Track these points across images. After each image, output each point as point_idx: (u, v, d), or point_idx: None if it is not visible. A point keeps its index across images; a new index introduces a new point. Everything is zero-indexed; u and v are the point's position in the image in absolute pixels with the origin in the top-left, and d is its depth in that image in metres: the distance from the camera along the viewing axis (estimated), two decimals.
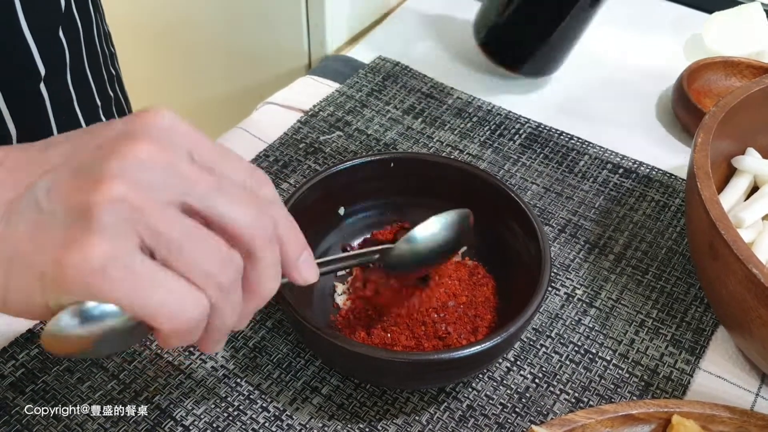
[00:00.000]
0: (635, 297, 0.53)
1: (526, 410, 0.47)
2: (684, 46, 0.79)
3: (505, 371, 0.49)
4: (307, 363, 0.49)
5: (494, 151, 0.65)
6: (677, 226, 0.59)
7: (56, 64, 0.52)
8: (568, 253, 0.56)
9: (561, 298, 0.53)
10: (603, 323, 0.52)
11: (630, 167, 0.64)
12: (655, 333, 0.51)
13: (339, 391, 0.47)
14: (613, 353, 0.50)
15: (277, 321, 0.51)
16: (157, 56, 1.05)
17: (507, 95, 0.71)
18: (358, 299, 0.50)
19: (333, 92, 0.71)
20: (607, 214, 0.60)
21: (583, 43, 0.69)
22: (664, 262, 0.56)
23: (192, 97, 1.05)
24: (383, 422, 0.46)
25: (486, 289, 0.51)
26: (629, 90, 0.73)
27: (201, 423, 0.45)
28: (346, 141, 0.65)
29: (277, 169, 0.63)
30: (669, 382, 0.48)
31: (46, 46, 0.50)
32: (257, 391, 0.47)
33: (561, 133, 0.67)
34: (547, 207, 0.60)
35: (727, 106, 0.51)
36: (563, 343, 0.50)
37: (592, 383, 0.48)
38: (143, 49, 1.03)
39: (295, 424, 0.45)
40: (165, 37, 1.02)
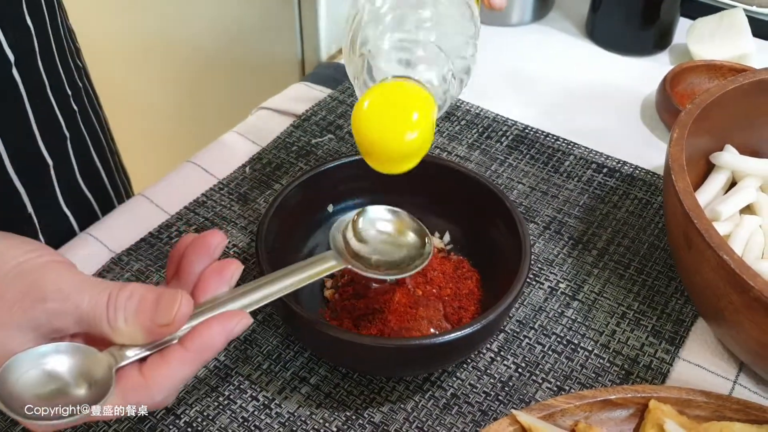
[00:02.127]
0: (617, 290, 0.55)
1: (509, 398, 0.48)
2: (668, 51, 0.81)
3: (488, 361, 0.50)
4: (296, 354, 0.50)
5: (482, 153, 0.67)
6: (659, 223, 0.60)
7: (26, 50, 0.53)
8: (552, 249, 0.58)
9: (545, 291, 0.55)
10: (585, 315, 0.53)
11: (614, 167, 0.65)
12: (636, 324, 0.52)
13: (327, 381, 0.48)
14: (594, 343, 0.51)
15: (268, 314, 0.52)
16: (156, 65, 1.07)
17: (494, 99, 0.73)
18: (346, 293, 0.52)
19: (325, 97, 0.72)
20: (591, 212, 0.61)
21: (569, 46, 0.71)
22: (645, 256, 0.57)
23: (189, 103, 1.07)
24: (369, 410, 0.47)
25: (470, 282, 0.52)
26: (614, 93, 0.75)
27: (192, 412, 0.46)
28: (338, 144, 0.67)
29: (270, 171, 0.64)
30: (649, 370, 0.50)
31: (13, 33, 0.51)
32: (247, 381, 0.48)
33: (547, 135, 0.69)
34: (533, 205, 0.62)
35: (703, 103, 0.53)
36: (546, 335, 0.52)
37: (574, 372, 0.49)
38: (142, 58, 1.05)
39: (284, 412, 0.47)
40: (165, 46, 1.04)
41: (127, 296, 0.34)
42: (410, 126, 0.40)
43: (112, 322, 0.33)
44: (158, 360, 0.35)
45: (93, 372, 0.33)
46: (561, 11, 0.88)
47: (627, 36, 0.80)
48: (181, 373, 0.35)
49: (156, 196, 0.62)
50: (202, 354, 0.35)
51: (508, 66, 0.79)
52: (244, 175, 0.64)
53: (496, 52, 0.81)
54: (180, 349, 0.35)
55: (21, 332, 0.32)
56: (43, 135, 0.56)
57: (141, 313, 0.34)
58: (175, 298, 0.34)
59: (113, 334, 0.34)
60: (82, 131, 0.62)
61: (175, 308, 0.34)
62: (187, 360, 0.35)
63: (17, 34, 0.52)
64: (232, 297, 0.38)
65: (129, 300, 0.34)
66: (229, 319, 0.36)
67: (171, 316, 0.34)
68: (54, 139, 0.58)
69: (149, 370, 0.34)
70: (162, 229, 0.59)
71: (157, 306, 0.34)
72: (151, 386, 0.34)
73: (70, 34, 0.63)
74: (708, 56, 0.75)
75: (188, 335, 0.35)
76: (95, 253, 0.57)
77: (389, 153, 0.41)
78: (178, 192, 0.62)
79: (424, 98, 0.41)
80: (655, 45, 0.80)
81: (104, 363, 0.34)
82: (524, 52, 0.81)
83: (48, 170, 0.58)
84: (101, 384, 0.33)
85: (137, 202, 0.61)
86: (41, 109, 0.56)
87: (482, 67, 0.78)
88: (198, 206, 0.61)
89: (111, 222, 0.60)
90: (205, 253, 0.39)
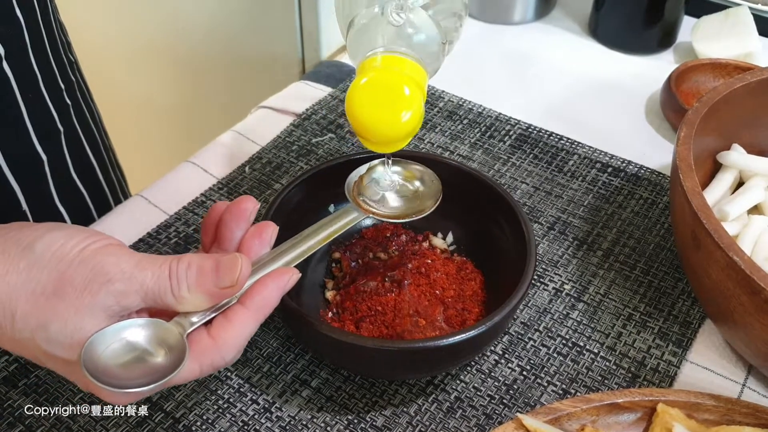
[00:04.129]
0: (623, 291, 0.54)
1: (514, 401, 0.47)
2: (673, 50, 0.80)
3: (493, 364, 0.49)
4: (297, 357, 0.49)
5: (484, 152, 0.66)
6: (665, 223, 0.59)
7: (17, 44, 0.53)
8: (557, 250, 0.57)
9: (549, 293, 0.54)
10: (591, 317, 0.52)
11: (618, 166, 0.65)
12: (643, 326, 0.51)
13: (328, 384, 0.48)
14: (600, 346, 0.50)
15: (268, 316, 0.51)
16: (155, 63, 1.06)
17: (497, 98, 0.72)
18: (347, 295, 0.51)
19: (326, 96, 0.72)
20: (596, 212, 0.60)
21: (572, 45, 0.70)
22: (651, 257, 0.56)
23: (188, 101, 1.06)
24: (372, 413, 0.46)
25: (474, 283, 0.51)
26: (618, 92, 0.74)
27: (191, 415, 0.46)
28: (338, 143, 0.66)
29: (270, 170, 0.63)
30: (656, 373, 0.49)
31: (2, 25, 0.51)
32: (247, 384, 0.47)
33: (551, 134, 0.68)
34: (537, 205, 0.61)
35: (710, 102, 0.52)
36: (551, 337, 0.51)
37: (580, 375, 0.48)
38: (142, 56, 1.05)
39: (284, 416, 0.46)
40: (164, 44, 1.03)
41: (186, 266, 0.35)
42: (405, 106, 0.40)
43: (176, 293, 0.35)
44: (223, 322, 0.37)
45: (167, 340, 0.35)
46: (564, 9, 0.87)
47: (630, 34, 0.79)
48: (246, 330, 0.37)
49: (154, 196, 0.61)
50: (262, 310, 0.37)
51: (511, 64, 0.78)
52: (244, 174, 0.63)
53: (498, 51, 0.80)
54: (242, 309, 0.37)
55: (93, 315, 0.34)
56: (36, 130, 0.56)
57: (202, 279, 0.35)
58: (236, 262, 0.36)
59: (178, 303, 0.35)
60: (76, 126, 0.62)
61: (238, 270, 0.36)
62: (249, 318, 0.37)
63: (7, 27, 0.52)
64: (275, 256, 0.40)
65: (189, 269, 0.35)
66: (281, 275, 0.38)
67: (234, 278, 0.35)
68: (47, 133, 0.58)
69: (217, 331, 0.36)
70: (160, 229, 0.58)
71: (217, 271, 0.35)
72: (221, 346, 0.36)
73: (62, 28, 0.62)
74: (713, 55, 0.74)
75: (247, 294, 0.37)
76: None
77: (385, 135, 0.41)
78: (176, 192, 0.61)
79: (417, 72, 0.40)
80: (659, 43, 0.80)
81: (175, 331, 0.36)
82: (527, 51, 0.80)
83: (42, 166, 0.57)
84: (176, 350, 0.35)
85: (135, 203, 0.61)
86: (34, 103, 0.55)
87: (484, 65, 0.78)
88: (197, 206, 0.60)
89: (109, 222, 0.59)
90: (243, 218, 0.40)
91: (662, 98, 0.70)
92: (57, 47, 0.59)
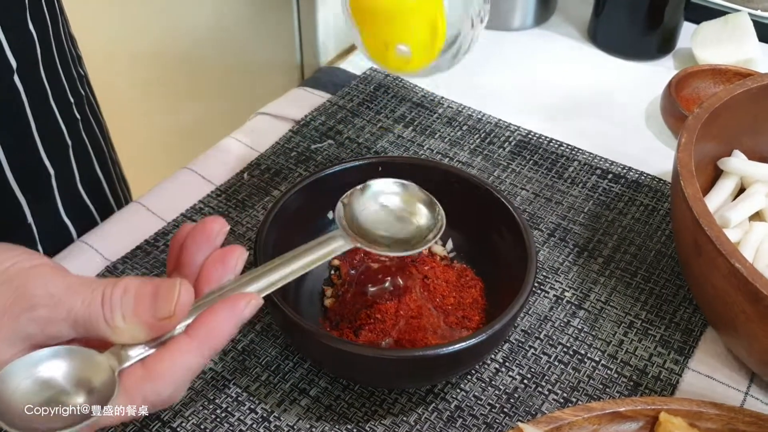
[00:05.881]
0: (624, 299, 0.54)
1: (515, 410, 0.46)
2: (672, 56, 0.80)
3: (493, 372, 0.49)
4: (296, 365, 0.49)
5: (484, 159, 0.66)
6: (666, 230, 0.59)
7: (28, 58, 0.52)
8: (557, 257, 0.57)
9: (550, 300, 0.53)
10: (592, 325, 0.52)
11: (619, 172, 0.64)
12: (644, 334, 0.51)
13: (327, 393, 0.47)
14: (601, 354, 0.50)
15: (266, 324, 0.51)
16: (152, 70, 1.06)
17: (496, 104, 0.72)
18: (346, 303, 0.50)
19: (325, 102, 0.71)
20: (596, 219, 0.60)
21: (572, 51, 0.70)
22: (652, 264, 0.56)
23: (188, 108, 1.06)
24: (371, 423, 0.46)
25: (474, 291, 0.51)
26: (618, 98, 0.74)
27: (189, 425, 0.45)
28: (337, 149, 0.66)
29: (269, 177, 0.63)
30: (658, 381, 0.48)
31: (15, 39, 0.50)
32: (245, 393, 0.47)
33: (550, 140, 0.68)
34: (537, 212, 0.61)
35: (711, 108, 0.52)
36: (552, 345, 0.50)
37: (581, 383, 0.48)
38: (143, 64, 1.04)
39: (283, 425, 0.45)
40: (161, 51, 1.03)
41: (122, 292, 0.32)
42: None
43: (109, 322, 0.31)
44: (160, 351, 0.33)
45: (93, 376, 0.31)
46: (563, 15, 0.87)
47: (630, 40, 0.79)
48: (186, 362, 0.32)
49: (152, 203, 0.61)
50: (209, 342, 0.33)
51: (510, 71, 0.78)
52: (242, 181, 0.63)
53: (498, 57, 0.80)
54: (184, 338, 0.33)
55: (11, 345, 0.30)
56: (44, 143, 0.55)
57: (139, 308, 0.31)
58: (173, 288, 0.32)
59: (113, 334, 0.32)
60: (84, 140, 0.61)
61: (174, 298, 0.32)
62: (192, 348, 0.33)
63: (20, 40, 0.51)
64: (239, 284, 0.36)
65: (125, 296, 0.32)
66: (236, 301, 0.34)
67: (171, 307, 0.31)
68: (56, 147, 0.57)
69: (152, 361, 0.32)
70: (158, 236, 0.57)
71: (155, 299, 0.32)
72: (155, 379, 0.32)
73: (72, 42, 0.62)
74: (713, 60, 0.74)
75: (193, 323, 0.33)
76: (90, 261, 0.55)
77: None
78: (174, 199, 0.61)
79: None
80: (659, 49, 0.79)
81: (105, 365, 0.31)
82: (526, 57, 0.80)
83: (49, 179, 0.57)
84: (103, 388, 0.31)
85: (133, 210, 0.60)
86: (43, 117, 0.55)
87: (484, 71, 0.77)
88: (195, 213, 0.60)
89: (106, 229, 0.58)
90: (206, 241, 0.37)
91: (662, 104, 0.70)
92: (67, 61, 0.59)
